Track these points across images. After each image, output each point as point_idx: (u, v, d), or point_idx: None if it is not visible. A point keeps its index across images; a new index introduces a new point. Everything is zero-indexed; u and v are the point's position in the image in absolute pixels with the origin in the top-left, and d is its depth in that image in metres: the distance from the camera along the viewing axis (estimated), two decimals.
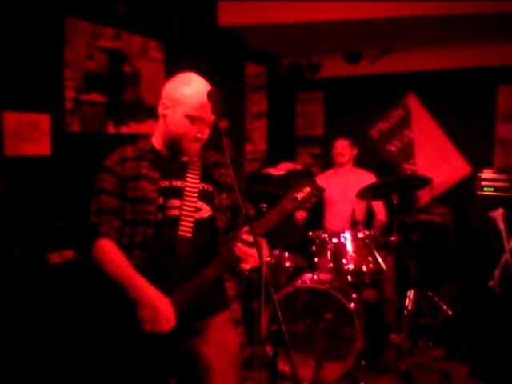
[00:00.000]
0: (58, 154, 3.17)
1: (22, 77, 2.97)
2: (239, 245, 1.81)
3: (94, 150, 3.40)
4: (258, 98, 5.60)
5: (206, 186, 2.01)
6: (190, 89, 1.90)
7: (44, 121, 3.10)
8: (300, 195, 1.94)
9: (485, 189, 4.66)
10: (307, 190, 1.95)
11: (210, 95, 1.82)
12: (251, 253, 1.80)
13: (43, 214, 3.02)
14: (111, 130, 3.55)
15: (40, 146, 3.08)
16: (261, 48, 5.46)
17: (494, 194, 4.60)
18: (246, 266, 1.83)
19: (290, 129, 6.15)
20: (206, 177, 2.02)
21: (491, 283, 4.07)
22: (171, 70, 3.95)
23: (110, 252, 1.86)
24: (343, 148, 4.30)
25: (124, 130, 3.63)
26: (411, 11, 4.03)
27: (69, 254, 2.98)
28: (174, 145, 1.96)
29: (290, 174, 5.16)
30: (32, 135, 3.04)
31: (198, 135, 1.91)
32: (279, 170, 5.24)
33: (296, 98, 6.16)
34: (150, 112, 3.78)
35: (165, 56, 3.94)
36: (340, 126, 5.65)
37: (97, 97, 3.43)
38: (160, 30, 3.92)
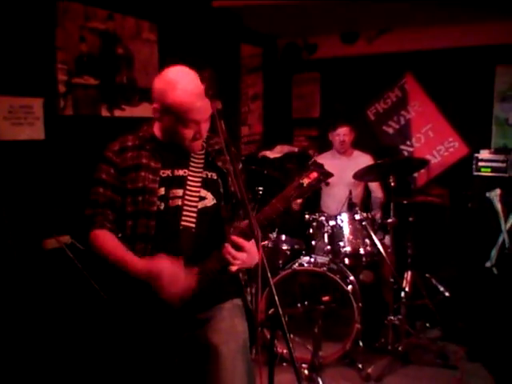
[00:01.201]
0: (52, 138, 3.14)
1: (14, 60, 2.92)
2: (227, 246, 1.77)
3: (87, 134, 3.36)
4: (253, 80, 5.54)
5: (209, 174, 1.96)
6: (178, 93, 1.80)
7: (37, 105, 3.06)
8: (306, 181, 1.84)
9: (482, 169, 4.65)
10: (314, 175, 1.85)
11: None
12: (238, 255, 1.77)
13: (37, 199, 3.00)
14: (105, 113, 3.50)
15: (33, 130, 3.04)
16: (256, 28, 5.39)
17: (491, 174, 4.59)
18: (233, 269, 1.78)
19: (286, 111, 6.11)
20: (209, 164, 1.97)
21: (488, 264, 4.09)
22: (165, 52, 3.90)
23: (104, 240, 1.86)
24: (345, 134, 4.29)
25: (118, 113, 3.58)
26: None
27: (65, 238, 2.97)
28: (175, 143, 1.92)
29: (287, 156, 5.14)
30: (25, 119, 3.00)
31: (197, 136, 1.87)
32: (275, 152, 5.21)
33: (292, 80, 6.10)
34: (144, 95, 3.74)
35: (158, 37, 3.88)
36: (338, 108, 5.60)
37: (90, 80, 3.38)
38: (153, 11, 3.85)
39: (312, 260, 3.64)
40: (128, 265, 1.79)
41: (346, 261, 3.77)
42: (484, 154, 4.70)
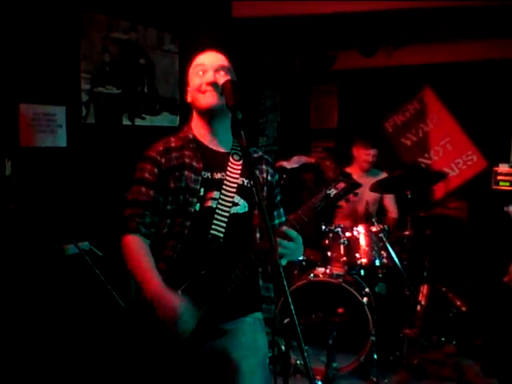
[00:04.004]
0: (74, 146, 3.20)
1: (39, 69, 2.99)
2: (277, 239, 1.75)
3: (108, 142, 3.42)
4: (271, 91, 5.58)
5: (245, 181, 1.95)
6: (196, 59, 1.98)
7: (60, 113, 3.12)
8: (333, 192, 1.82)
9: (501, 183, 4.61)
10: (341, 185, 1.83)
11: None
12: (287, 244, 1.77)
13: (58, 205, 3.05)
14: (126, 122, 3.56)
15: (56, 137, 3.10)
16: (276, 39, 5.42)
17: (510, 188, 4.55)
18: (279, 258, 1.74)
19: (303, 122, 6.13)
20: (246, 172, 1.94)
21: (505, 279, 4.04)
22: (186, 63, 3.95)
23: (133, 250, 1.83)
24: (374, 155, 4.31)
25: (139, 122, 3.64)
26: (428, 3, 3.99)
27: (84, 245, 3.01)
28: (199, 111, 1.94)
29: (304, 167, 5.15)
30: (48, 127, 3.06)
31: (203, 86, 1.89)
32: (292, 162, 5.22)
33: (310, 91, 6.12)
34: (165, 104, 3.79)
35: (179, 48, 3.94)
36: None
37: (112, 89, 3.44)
38: (174, 22, 3.92)
39: (327, 271, 3.64)
40: (144, 280, 1.76)
41: (362, 272, 3.76)
42: (503, 167, 4.66)
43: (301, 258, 3.95)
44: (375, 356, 3.48)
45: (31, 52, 2.94)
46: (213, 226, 1.85)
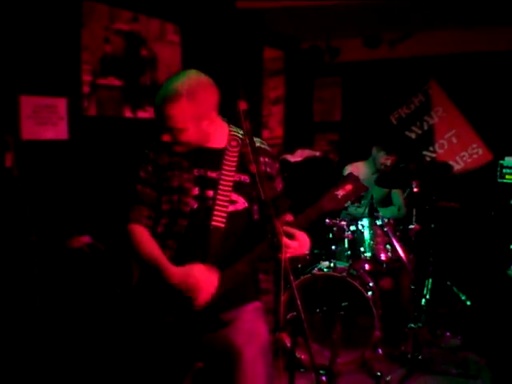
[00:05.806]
0: (75, 139, 3.16)
1: (39, 60, 2.95)
2: (280, 235, 1.79)
3: (110, 135, 3.38)
4: (275, 83, 5.53)
5: (242, 177, 1.97)
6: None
7: (61, 105, 3.08)
8: (341, 193, 1.89)
9: (506, 176, 4.58)
10: (348, 187, 1.90)
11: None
12: (290, 243, 1.80)
13: (60, 198, 3.02)
14: (128, 114, 3.53)
15: (57, 130, 3.07)
16: (279, 31, 5.38)
17: None
18: (283, 256, 1.79)
19: (307, 114, 6.08)
20: (242, 167, 1.97)
21: (510, 272, 4.01)
22: (188, 54, 3.91)
23: (138, 236, 1.91)
24: (392, 161, 4.25)
25: (141, 114, 3.60)
26: None
27: (86, 238, 2.99)
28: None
29: (307, 160, 5.11)
30: (49, 119, 3.03)
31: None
32: (296, 156, 5.19)
33: (314, 83, 6.07)
34: None
35: (182, 39, 3.90)
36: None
37: (114, 81, 3.41)
38: (177, 13, 3.87)
39: (332, 265, 3.60)
40: (164, 269, 1.82)
41: (366, 267, 3.73)
42: (509, 160, 4.62)
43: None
44: (380, 351, 3.46)
45: (32, 43, 2.90)
46: (214, 218, 1.89)
